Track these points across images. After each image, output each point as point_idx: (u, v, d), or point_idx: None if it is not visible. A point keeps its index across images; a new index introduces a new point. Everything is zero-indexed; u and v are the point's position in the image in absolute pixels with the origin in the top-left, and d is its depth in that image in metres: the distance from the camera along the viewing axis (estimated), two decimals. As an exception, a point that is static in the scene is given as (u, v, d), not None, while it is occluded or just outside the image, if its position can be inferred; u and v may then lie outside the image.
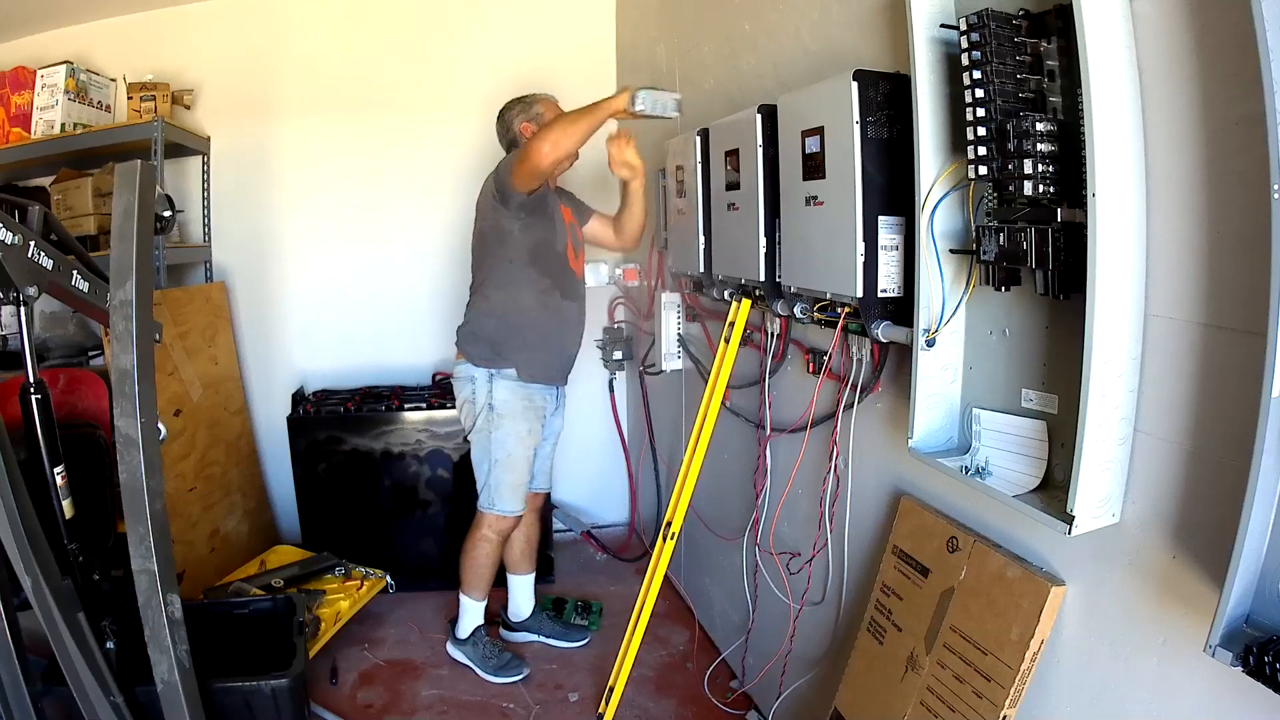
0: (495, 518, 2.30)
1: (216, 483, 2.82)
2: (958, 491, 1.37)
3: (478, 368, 2.24)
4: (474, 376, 2.25)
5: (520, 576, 2.56)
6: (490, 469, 2.26)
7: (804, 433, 1.77)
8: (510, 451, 2.24)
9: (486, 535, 2.32)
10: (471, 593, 2.40)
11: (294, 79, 3.10)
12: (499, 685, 2.35)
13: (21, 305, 1.38)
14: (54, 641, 1.46)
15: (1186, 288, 0.95)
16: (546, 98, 2.38)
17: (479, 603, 2.41)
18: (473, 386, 2.26)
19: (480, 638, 2.41)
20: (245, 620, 2.19)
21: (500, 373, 2.23)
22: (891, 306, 1.38)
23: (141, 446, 1.39)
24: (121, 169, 1.47)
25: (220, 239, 3.12)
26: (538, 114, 2.33)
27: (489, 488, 2.28)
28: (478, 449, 2.29)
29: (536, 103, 2.36)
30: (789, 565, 1.89)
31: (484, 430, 2.25)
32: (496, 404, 2.23)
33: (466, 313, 2.33)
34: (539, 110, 2.34)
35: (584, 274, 2.44)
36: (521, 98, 2.40)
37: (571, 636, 2.58)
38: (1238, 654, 0.83)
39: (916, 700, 1.36)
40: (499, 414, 2.23)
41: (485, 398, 2.24)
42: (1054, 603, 1.14)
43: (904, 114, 1.27)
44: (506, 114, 2.38)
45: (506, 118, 2.37)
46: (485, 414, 2.24)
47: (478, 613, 2.42)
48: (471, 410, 2.28)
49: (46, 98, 2.73)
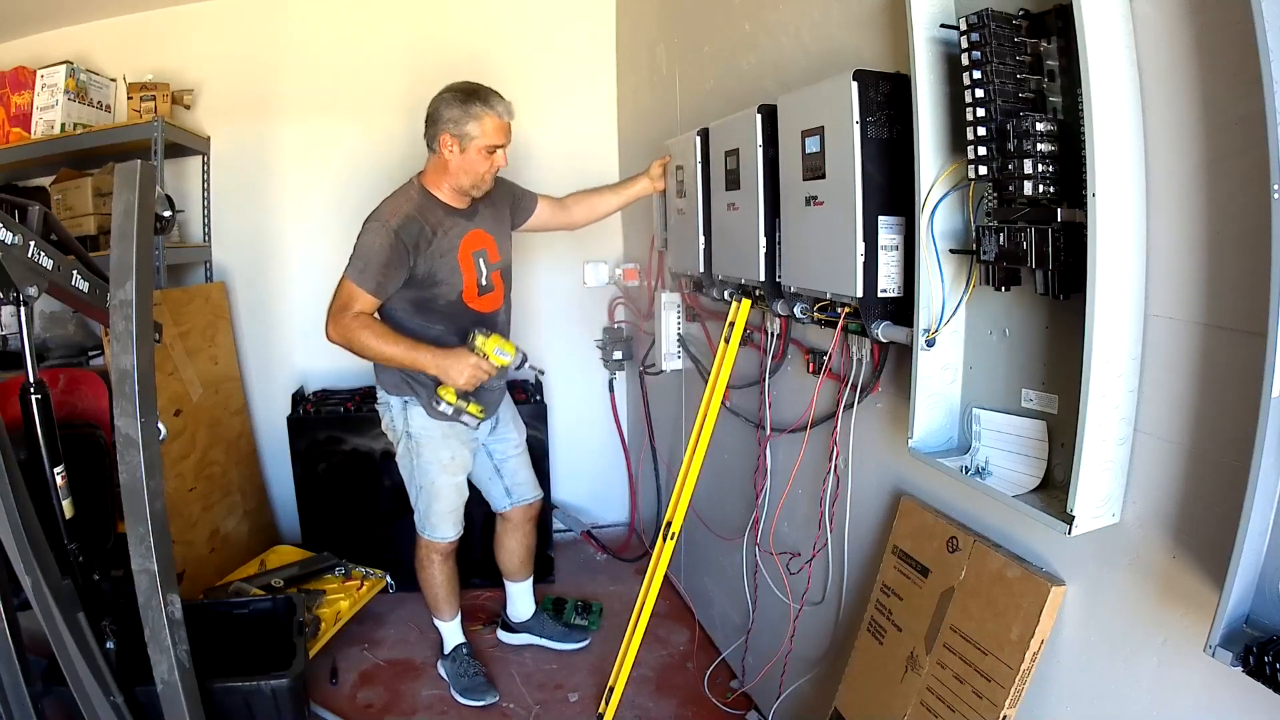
0: (428, 542, 2.24)
1: (216, 483, 2.82)
2: (958, 491, 1.37)
3: (390, 395, 2.14)
4: (387, 403, 2.16)
5: (519, 584, 2.53)
6: (418, 496, 2.20)
7: (804, 433, 1.77)
8: (434, 480, 2.15)
9: (426, 558, 2.27)
10: (440, 614, 2.36)
11: (294, 79, 3.10)
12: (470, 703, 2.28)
13: (21, 305, 1.38)
14: (54, 641, 1.47)
15: (1186, 288, 0.95)
16: (489, 113, 1.96)
17: (450, 621, 2.37)
18: (389, 414, 2.16)
19: (460, 655, 2.36)
20: (245, 620, 2.19)
21: (411, 400, 2.11)
22: (891, 306, 1.38)
23: (141, 446, 1.39)
24: (121, 169, 1.47)
25: (220, 239, 3.12)
26: (467, 134, 1.96)
27: (419, 513, 2.23)
28: (406, 474, 2.22)
29: (473, 119, 1.95)
30: (789, 565, 1.89)
31: (406, 457, 2.17)
32: (414, 431, 2.13)
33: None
34: (471, 131, 1.96)
35: (502, 300, 2.21)
36: (467, 93, 1.97)
37: (571, 638, 2.56)
38: (1238, 654, 0.83)
39: (916, 700, 1.36)
40: (417, 441, 2.13)
41: (403, 425, 2.13)
42: (1054, 603, 1.14)
43: (904, 114, 1.26)
44: (440, 109, 1.99)
45: (438, 114, 1.99)
46: (405, 441, 2.15)
47: (454, 630, 2.38)
48: (394, 436, 2.19)
49: (46, 98, 2.73)
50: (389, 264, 1.95)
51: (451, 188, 2.06)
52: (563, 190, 3.32)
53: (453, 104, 1.98)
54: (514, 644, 2.57)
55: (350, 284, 1.95)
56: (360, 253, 1.96)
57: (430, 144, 2.04)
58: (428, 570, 2.29)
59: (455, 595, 2.37)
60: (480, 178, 2.05)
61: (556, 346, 3.38)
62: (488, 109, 1.97)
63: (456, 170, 2.02)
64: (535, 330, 3.32)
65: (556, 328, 3.35)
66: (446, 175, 2.04)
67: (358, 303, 1.94)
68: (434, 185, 2.07)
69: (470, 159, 2.00)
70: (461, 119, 1.96)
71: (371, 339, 1.92)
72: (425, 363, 1.95)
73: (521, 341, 3.26)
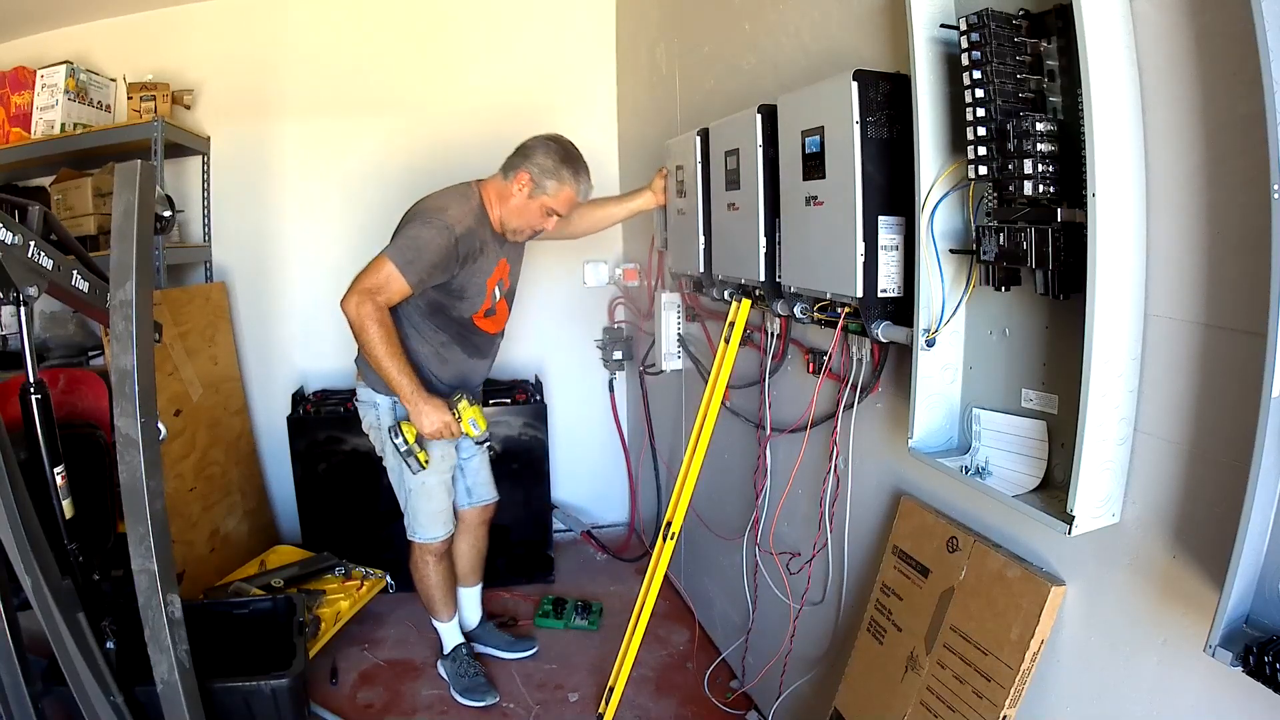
0: (420, 545, 2.24)
1: (216, 483, 2.82)
2: (958, 491, 1.37)
3: (378, 393, 2.11)
4: (376, 402, 2.13)
5: (467, 589, 2.51)
6: (408, 498, 2.19)
7: (804, 433, 1.77)
8: (424, 479, 2.14)
9: (421, 560, 2.27)
10: (438, 615, 2.35)
11: (294, 79, 3.10)
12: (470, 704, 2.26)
13: (21, 305, 1.38)
14: (54, 641, 1.47)
15: (1186, 288, 0.95)
16: (572, 185, 2.04)
17: (448, 622, 2.37)
18: (376, 412, 2.14)
19: (460, 654, 2.35)
20: (245, 620, 2.19)
21: (399, 400, 2.05)
22: (891, 306, 1.38)
23: (141, 446, 1.39)
24: (121, 169, 1.47)
25: (220, 239, 3.12)
26: (544, 188, 2.02)
27: (410, 517, 2.22)
28: (394, 477, 2.20)
29: (556, 180, 2.03)
30: (789, 565, 1.89)
31: (394, 459, 2.13)
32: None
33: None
34: (549, 188, 2.03)
35: (504, 324, 2.27)
36: (566, 155, 2.05)
37: (517, 647, 2.51)
38: (1238, 654, 0.83)
39: (916, 700, 1.36)
40: None
41: (391, 424, 2.09)
42: (1054, 603, 1.14)
43: (904, 114, 1.26)
44: (536, 149, 2.04)
45: (531, 152, 2.05)
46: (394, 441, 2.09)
47: (453, 630, 2.38)
48: (378, 436, 2.16)
49: (46, 98, 2.73)
50: (437, 265, 1.96)
51: (498, 217, 2.10)
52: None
53: (550, 154, 2.04)
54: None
55: (393, 269, 1.90)
56: (414, 243, 1.93)
57: (506, 170, 2.07)
58: (422, 572, 2.28)
59: (452, 595, 2.37)
60: (526, 228, 2.11)
61: (556, 346, 3.38)
62: (575, 181, 2.05)
63: (514, 209, 2.07)
64: (535, 330, 3.32)
65: (556, 328, 3.35)
66: (502, 204, 2.08)
67: (392, 289, 1.92)
68: (490, 204, 2.09)
69: (530, 209, 2.06)
70: (549, 173, 2.02)
71: (381, 342, 1.91)
72: (407, 395, 1.96)
73: (522, 342, 3.31)
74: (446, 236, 1.95)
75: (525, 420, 2.95)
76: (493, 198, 2.08)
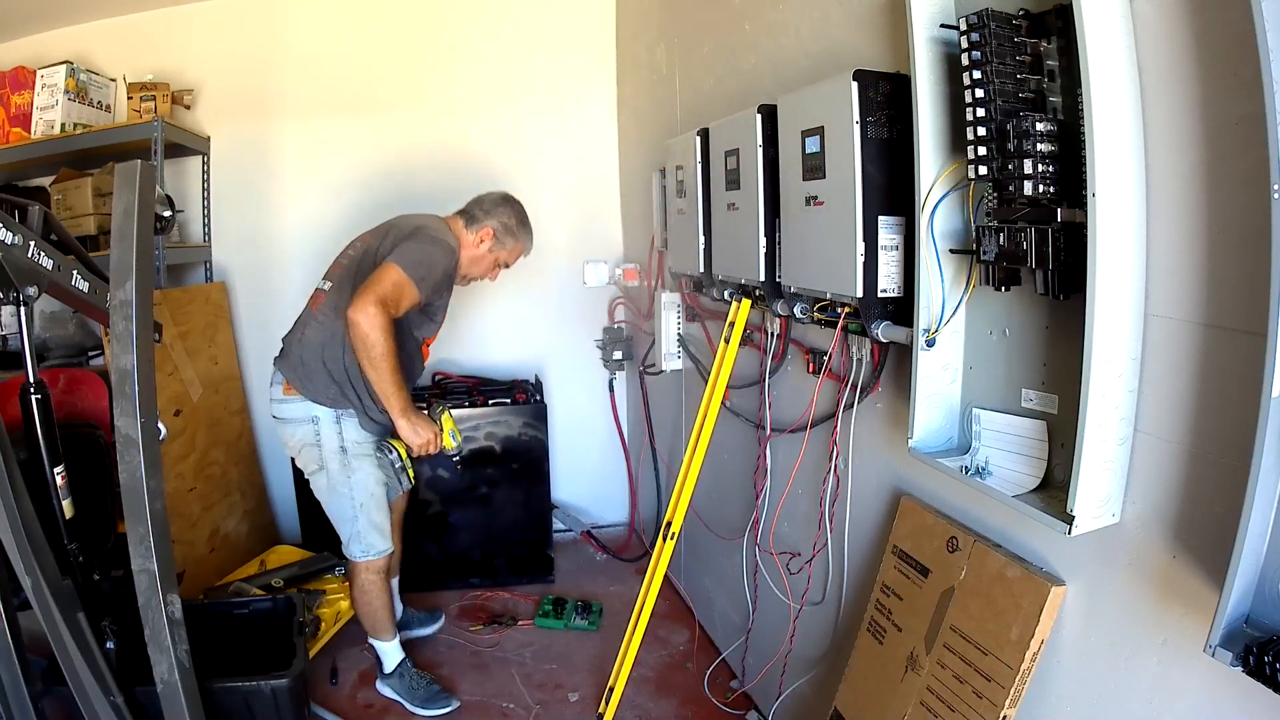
0: (366, 564, 2.13)
1: (216, 483, 2.82)
2: (958, 491, 1.37)
3: (322, 406, 2.02)
4: (316, 416, 2.02)
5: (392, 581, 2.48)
6: (357, 515, 2.08)
7: (804, 433, 1.77)
8: (372, 491, 2.09)
9: (367, 581, 2.15)
10: (380, 636, 2.24)
11: (294, 79, 3.10)
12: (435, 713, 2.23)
13: (21, 305, 1.38)
14: (54, 641, 1.46)
15: (1186, 288, 0.95)
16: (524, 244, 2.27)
17: (391, 641, 2.26)
18: (315, 428, 2.03)
19: (406, 669, 2.26)
20: (245, 620, 2.19)
21: (345, 412, 2.04)
22: (891, 306, 1.38)
23: (141, 446, 1.39)
24: (121, 169, 1.47)
25: (220, 239, 3.12)
26: (503, 245, 2.21)
27: (361, 535, 2.09)
28: (337, 498, 2.07)
29: (515, 239, 2.23)
30: (789, 565, 1.89)
31: (340, 475, 2.06)
32: (349, 445, 2.05)
33: (305, 336, 2.06)
34: (508, 245, 2.22)
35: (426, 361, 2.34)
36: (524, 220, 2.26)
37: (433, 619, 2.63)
38: (1238, 654, 0.83)
39: (916, 700, 1.36)
40: (353, 455, 2.05)
41: (336, 440, 2.04)
42: (1054, 603, 1.14)
43: (904, 114, 1.26)
44: (500, 210, 2.21)
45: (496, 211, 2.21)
46: (339, 457, 2.05)
47: (395, 649, 2.27)
48: (317, 454, 2.05)
49: (46, 98, 2.73)
50: (439, 285, 2.07)
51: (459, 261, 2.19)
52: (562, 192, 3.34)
53: (512, 214, 2.24)
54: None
55: (407, 280, 1.93)
56: (426, 259, 2.00)
57: (471, 219, 2.21)
58: (370, 594, 2.16)
59: (393, 610, 2.31)
60: (475, 277, 2.27)
61: (556, 346, 3.38)
62: (528, 242, 2.29)
63: (472, 259, 2.21)
64: (535, 330, 3.32)
65: (556, 328, 3.36)
66: (465, 251, 2.19)
67: (405, 301, 1.95)
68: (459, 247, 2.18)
69: (486, 260, 2.23)
70: (510, 231, 2.23)
71: (388, 354, 1.90)
72: (401, 410, 1.98)
73: (522, 341, 3.31)
74: (450, 259, 2.08)
75: (525, 420, 2.95)
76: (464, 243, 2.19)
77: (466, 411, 2.90)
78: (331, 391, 2.02)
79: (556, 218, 3.28)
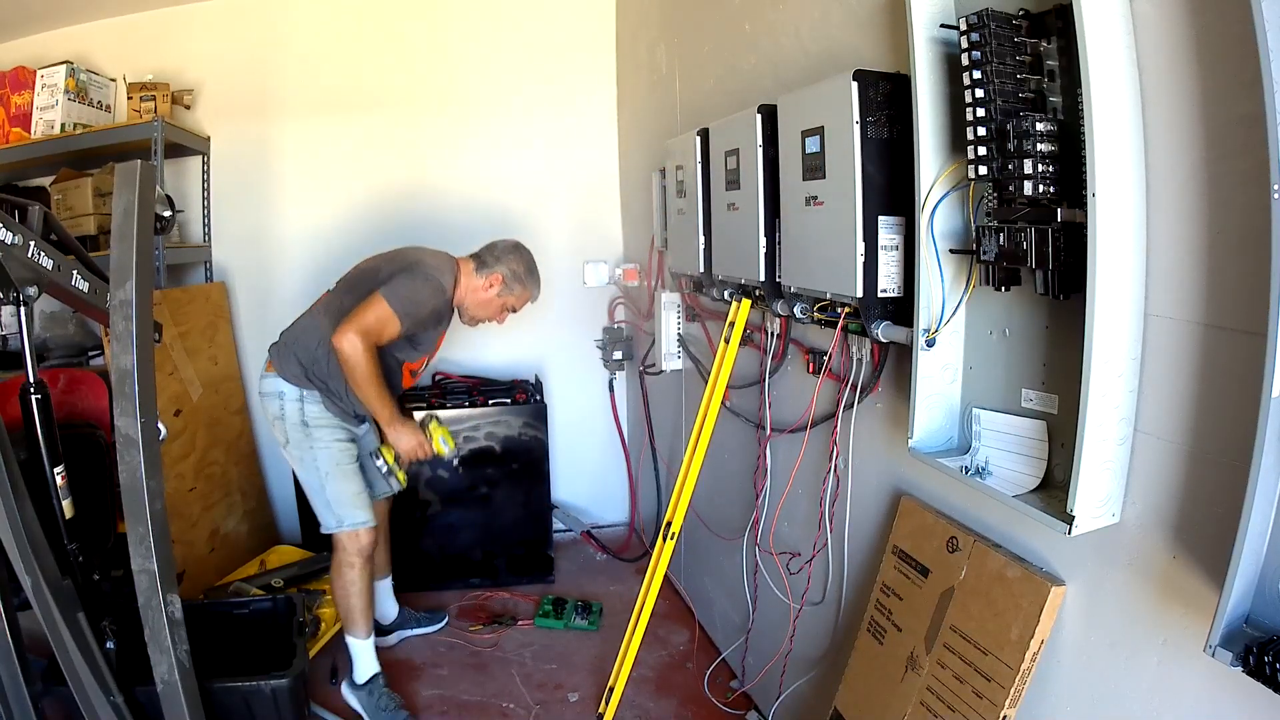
0: (350, 535, 2.14)
1: (216, 483, 2.83)
2: (958, 491, 1.37)
3: (288, 384, 2.11)
4: (282, 392, 2.12)
5: (382, 581, 2.52)
6: (324, 484, 2.13)
7: (804, 433, 1.77)
8: (337, 460, 2.14)
9: (348, 560, 2.15)
10: (355, 631, 2.20)
11: (294, 79, 3.10)
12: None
13: (21, 305, 1.38)
14: (54, 641, 1.47)
15: (1186, 288, 0.95)
16: (532, 292, 2.33)
17: (365, 640, 2.21)
18: (280, 402, 2.13)
19: (377, 685, 2.21)
20: (245, 620, 2.19)
21: (310, 394, 2.13)
22: (891, 306, 1.38)
23: (141, 446, 1.39)
24: (121, 169, 1.47)
25: (220, 239, 3.13)
26: (511, 290, 2.27)
27: (331, 505, 2.14)
28: (304, 469, 2.16)
29: (524, 286, 2.29)
30: (789, 565, 1.89)
31: (303, 446, 2.13)
32: (310, 419, 2.12)
33: (295, 326, 2.21)
34: (516, 291, 2.28)
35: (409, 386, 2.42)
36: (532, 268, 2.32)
37: (434, 619, 2.67)
38: (1238, 654, 0.83)
39: (916, 700, 1.36)
40: (314, 427, 2.13)
41: (297, 415, 2.12)
42: (1054, 603, 1.14)
43: (904, 114, 1.26)
44: (510, 257, 2.28)
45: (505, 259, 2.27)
46: (299, 430, 2.12)
47: (369, 653, 2.22)
48: (282, 427, 2.15)
49: (46, 98, 2.73)
50: (424, 320, 2.15)
51: (460, 299, 2.26)
52: (562, 192, 3.34)
53: (520, 262, 2.30)
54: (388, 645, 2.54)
55: (393, 317, 2.04)
56: (414, 298, 2.09)
57: (482, 264, 2.27)
58: (348, 577, 2.15)
59: (372, 607, 2.27)
60: (481, 319, 2.34)
61: (557, 347, 3.38)
62: (535, 290, 2.35)
63: (480, 302, 2.28)
64: (535, 330, 3.32)
65: (556, 328, 3.35)
66: (470, 295, 2.26)
67: (387, 333, 2.05)
68: (461, 290, 2.26)
69: (494, 304, 2.29)
70: (519, 278, 2.29)
71: (371, 376, 2.03)
72: (387, 419, 2.13)
73: (522, 342, 3.31)
74: (439, 299, 2.16)
75: (525, 420, 2.95)
76: (467, 284, 2.26)
77: (466, 411, 2.90)
78: (298, 371, 2.12)
79: (556, 218, 3.28)
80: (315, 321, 2.17)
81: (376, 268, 2.17)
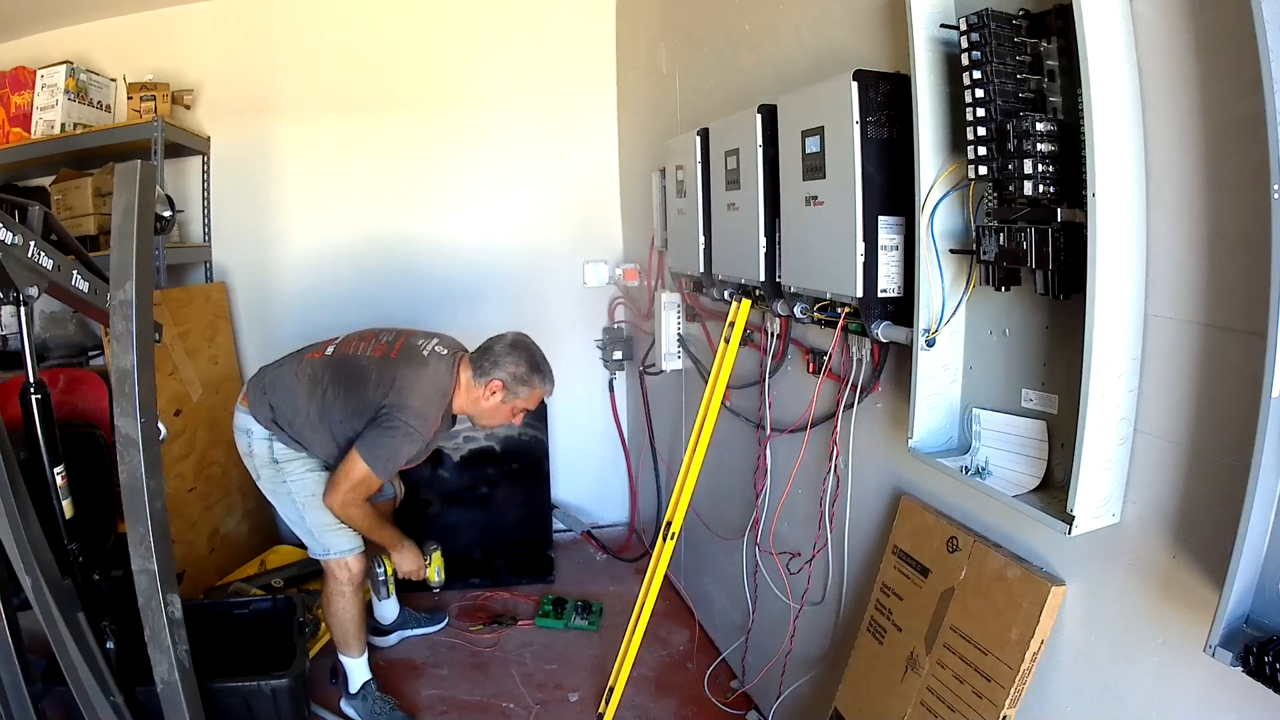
0: (338, 563, 2.11)
1: (216, 483, 2.82)
2: (958, 491, 1.37)
3: (256, 423, 2.08)
4: (250, 429, 2.09)
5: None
6: (303, 515, 2.10)
7: (804, 433, 1.77)
8: (313, 491, 2.09)
9: (339, 588, 2.13)
10: (348, 651, 2.19)
11: (294, 79, 3.10)
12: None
13: (21, 305, 1.38)
14: (54, 641, 1.47)
15: (1186, 288, 0.95)
16: (542, 390, 2.13)
17: (359, 658, 2.21)
18: (249, 439, 2.10)
19: (370, 692, 2.21)
20: (245, 620, 2.19)
21: (275, 438, 2.09)
22: (891, 306, 1.38)
23: (141, 446, 1.39)
24: (121, 169, 1.47)
25: (220, 239, 3.12)
26: (516, 394, 2.09)
27: (315, 534, 2.11)
28: (279, 501, 2.13)
29: (528, 387, 2.09)
30: (789, 565, 1.89)
31: (275, 481, 2.11)
32: (279, 456, 2.10)
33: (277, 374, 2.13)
34: (521, 394, 2.10)
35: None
36: (535, 364, 2.10)
37: (435, 619, 2.67)
38: (1238, 654, 0.83)
39: (916, 700, 1.36)
40: (284, 462, 2.10)
41: (266, 453, 2.09)
42: (1054, 602, 1.14)
43: (904, 114, 1.26)
44: (507, 359, 2.07)
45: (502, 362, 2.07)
46: (270, 467, 2.10)
47: (362, 667, 2.22)
48: (253, 464, 2.12)
49: (46, 98, 2.73)
50: (400, 466, 2.13)
51: (463, 409, 2.15)
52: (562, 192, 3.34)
53: (520, 363, 2.09)
54: (387, 646, 2.56)
55: (369, 474, 2.01)
56: (389, 451, 2.02)
57: (479, 370, 2.09)
58: (340, 604, 2.14)
59: (366, 628, 2.26)
60: (497, 424, 2.22)
61: (556, 346, 3.37)
62: (543, 384, 2.13)
63: (486, 410, 2.13)
64: (535, 330, 3.29)
65: (556, 327, 3.35)
66: (472, 405, 2.13)
67: (370, 487, 2.06)
68: (457, 393, 2.12)
69: (503, 410, 2.13)
70: (521, 380, 2.09)
71: (366, 519, 2.09)
72: (394, 545, 2.23)
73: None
74: (416, 441, 2.05)
75: (525, 420, 2.94)
76: (461, 391, 2.11)
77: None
78: (267, 416, 2.09)
79: (557, 218, 3.28)
80: (296, 385, 2.08)
81: (365, 374, 2.05)
